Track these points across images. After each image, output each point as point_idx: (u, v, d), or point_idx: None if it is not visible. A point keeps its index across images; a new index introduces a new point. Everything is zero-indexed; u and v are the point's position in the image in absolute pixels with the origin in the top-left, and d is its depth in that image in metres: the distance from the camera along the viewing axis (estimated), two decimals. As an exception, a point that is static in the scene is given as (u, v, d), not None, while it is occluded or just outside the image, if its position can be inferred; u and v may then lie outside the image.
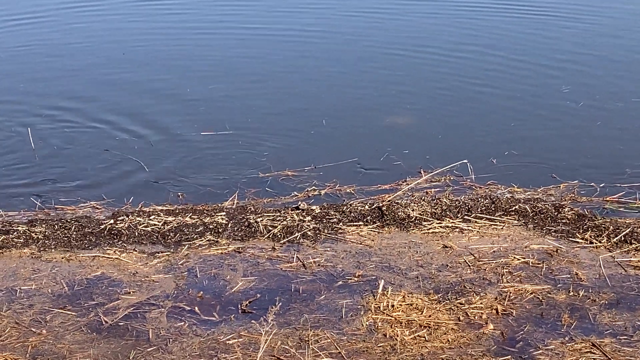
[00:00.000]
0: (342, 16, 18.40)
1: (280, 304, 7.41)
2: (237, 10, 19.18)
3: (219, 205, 9.34)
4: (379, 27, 17.12)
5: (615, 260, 8.05)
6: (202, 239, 8.54)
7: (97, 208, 9.41)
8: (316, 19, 18.22)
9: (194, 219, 8.87)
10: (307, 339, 6.91)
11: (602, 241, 8.37)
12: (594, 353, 6.67)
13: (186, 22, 17.94)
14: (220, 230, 8.68)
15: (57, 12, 18.90)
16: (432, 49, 15.33)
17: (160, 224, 8.79)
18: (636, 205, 9.29)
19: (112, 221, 8.85)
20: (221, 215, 8.96)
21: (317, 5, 19.28)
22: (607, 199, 9.44)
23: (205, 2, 20.34)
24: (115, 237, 8.60)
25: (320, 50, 15.70)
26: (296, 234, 8.60)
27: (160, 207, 9.25)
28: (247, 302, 7.44)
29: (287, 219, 8.86)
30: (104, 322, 7.20)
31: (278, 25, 17.59)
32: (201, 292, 7.61)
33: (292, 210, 9.12)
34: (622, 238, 8.39)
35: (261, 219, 8.86)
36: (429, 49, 15.37)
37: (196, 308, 7.38)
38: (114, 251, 8.34)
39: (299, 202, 9.29)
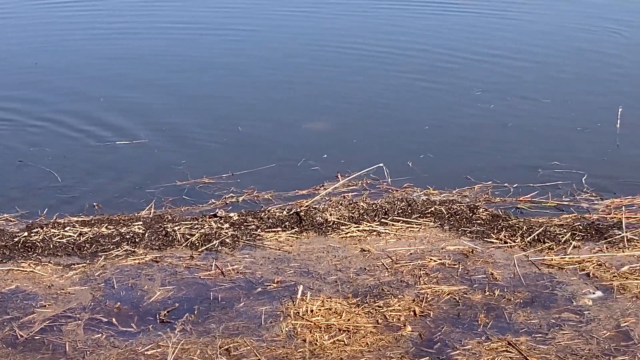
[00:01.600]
0: (266, 15, 18.45)
1: (199, 312, 7.38)
2: (155, 9, 19.07)
3: (136, 214, 9.26)
4: (298, 31, 17.18)
5: (529, 259, 8.19)
6: (119, 249, 8.46)
7: (11, 220, 9.25)
8: (239, 18, 18.21)
9: (110, 230, 8.78)
10: (226, 346, 6.89)
11: (516, 241, 8.51)
12: (510, 352, 6.78)
13: (100, 24, 17.76)
14: (137, 240, 8.61)
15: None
16: (351, 52, 15.47)
17: (75, 235, 8.68)
18: (548, 204, 9.47)
19: (26, 234, 8.71)
20: (138, 224, 8.89)
21: (240, 4, 19.30)
22: (520, 199, 9.61)
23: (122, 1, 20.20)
24: (29, 249, 8.47)
25: (239, 52, 15.68)
26: (214, 242, 8.57)
27: (75, 218, 9.14)
28: (165, 312, 7.39)
29: (205, 227, 8.83)
30: (19, 337, 7.08)
31: (199, 24, 17.55)
32: (118, 303, 7.54)
33: (210, 217, 9.09)
34: (536, 237, 8.54)
35: (179, 227, 8.82)
36: (348, 51, 15.52)
37: (114, 319, 7.30)
38: (29, 264, 8.21)
39: (217, 210, 9.27)
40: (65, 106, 12.75)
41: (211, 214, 9.20)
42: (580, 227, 8.72)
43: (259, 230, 8.82)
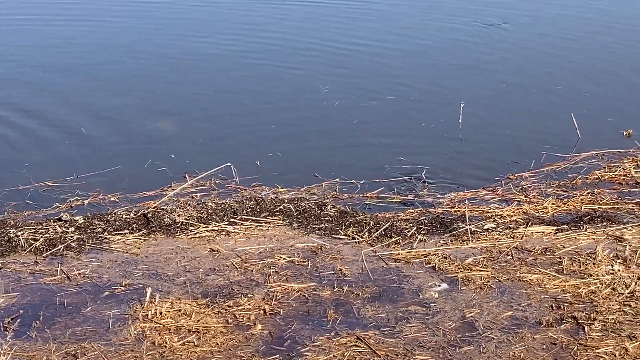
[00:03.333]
0: (106, 10, 18.16)
1: (45, 318, 7.20)
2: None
3: (-24, 220, 8.98)
4: (140, 27, 16.97)
5: (377, 254, 8.32)
6: (-41, 256, 8.18)
7: None
8: (81, 15, 17.86)
9: (-51, 237, 8.48)
10: (73, 352, 6.75)
11: (364, 236, 8.62)
12: (359, 346, 6.86)
13: None
14: (-22, 247, 8.34)
15: None
16: (194, 46, 15.41)
17: None
18: (395, 199, 9.64)
19: None
20: (-22, 230, 8.61)
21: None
22: (368, 195, 9.75)
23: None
24: None
25: (78, 49, 15.34)
26: (59, 246, 8.37)
27: None
28: (9, 319, 7.18)
29: (50, 231, 8.62)
30: None
31: (31, 18, 17.14)
32: (-41, 313, 7.29)
33: (54, 222, 8.88)
34: (383, 232, 8.68)
35: (22, 232, 8.58)
36: (191, 45, 15.46)
37: (-46, 329, 7.06)
38: None
39: (62, 213, 9.06)
40: None
41: (56, 217, 8.99)
42: (426, 221, 8.92)
43: (105, 233, 8.67)
